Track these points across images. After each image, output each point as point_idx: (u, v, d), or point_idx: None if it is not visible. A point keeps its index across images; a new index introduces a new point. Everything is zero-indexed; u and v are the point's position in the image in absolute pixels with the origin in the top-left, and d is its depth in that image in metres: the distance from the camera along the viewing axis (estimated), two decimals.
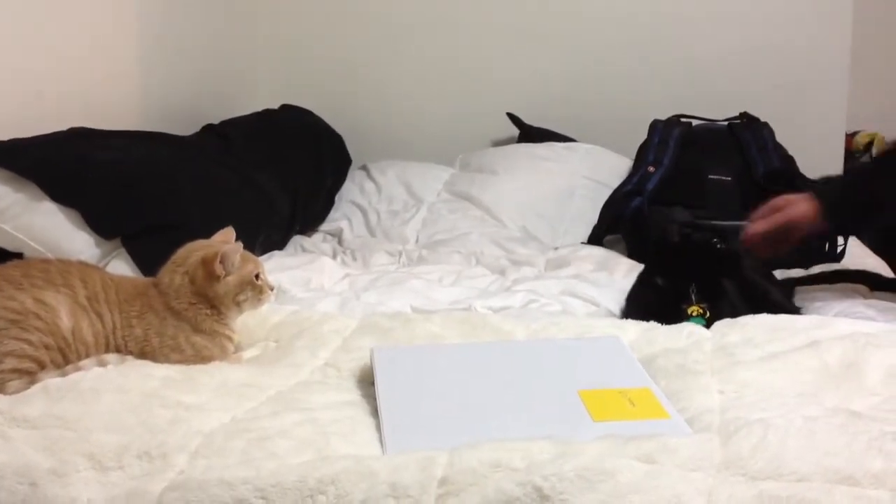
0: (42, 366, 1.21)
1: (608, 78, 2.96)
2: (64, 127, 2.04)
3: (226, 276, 1.33)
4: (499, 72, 3.04)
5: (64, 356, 1.23)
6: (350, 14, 3.10)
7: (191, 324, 1.32)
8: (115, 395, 1.10)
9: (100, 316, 1.28)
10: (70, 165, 1.88)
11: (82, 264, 1.35)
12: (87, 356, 1.25)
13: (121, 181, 1.89)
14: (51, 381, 1.14)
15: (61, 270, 1.29)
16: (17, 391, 1.15)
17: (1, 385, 1.17)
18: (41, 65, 2.09)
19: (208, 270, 1.32)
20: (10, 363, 1.18)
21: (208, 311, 1.33)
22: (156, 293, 1.33)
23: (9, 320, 1.20)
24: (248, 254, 1.38)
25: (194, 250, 1.36)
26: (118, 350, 1.28)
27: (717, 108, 2.65)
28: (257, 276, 1.36)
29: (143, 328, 1.30)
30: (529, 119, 2.94)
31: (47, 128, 1.99)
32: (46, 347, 1.21)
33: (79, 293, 1.27)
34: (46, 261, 1.35)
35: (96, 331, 1.27)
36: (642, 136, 2.59)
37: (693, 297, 1.53)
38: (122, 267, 1.79)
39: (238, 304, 1.35)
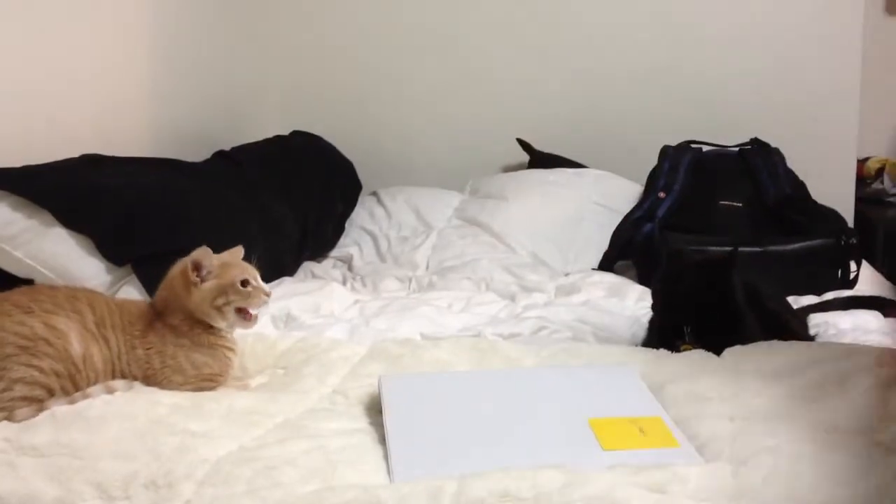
0: (52, 393, 1.20)
1: (618, 104, 2.96)
2: (76, 154, 2.05)
3: (201, 282, 1.33)
4: (509, 98, 3.05)
5: (74, 383, 1.23)
6: (360, 41, 3.12)
7: (189, 339, 1.32)
8: (122, 423, 1.09)
9: (107, 341, 1.28)
10: (81, 192, 1.89)
11: (88, 290, 1.36)
12: (97, 382, 1.25)
13: (131, 208, 1.90)
14: (58, 409, 1.13)
15: (69, 296, 1.29)
16: (25, 419, 1.14)
17: (9, 412, 1.16)
18: (53, 92, 2.11)
19: (184, 279, 1.33)
20: (20, 390, 1.18)
21: (200, 326, 1.33)
22: (154, 313, 1.34)
23: (19, 346, 1.20)
24: (239, 262, 1.39)
25: (178, 264, 1.37)
26: (123, 375, 1.28)
27: (728, 134, 2.65)
28: (244, 283, 1.35)
29: (144, 348, 1.30)
30: (539, 145, 2.95)
31: (59, 154, 2.01)
32: (57, 374, 1.21)
33: (87, 318, 1.28)
34: (54, 287, 1.35)
35: (104, 356, 1.27)
36: (652, 161, 2.58)
37: (686, 336, 1.47)
38: (132, 293, 1.79)
39: (218, 308, 1.33)
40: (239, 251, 1.43)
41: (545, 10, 2.99)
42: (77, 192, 1.89)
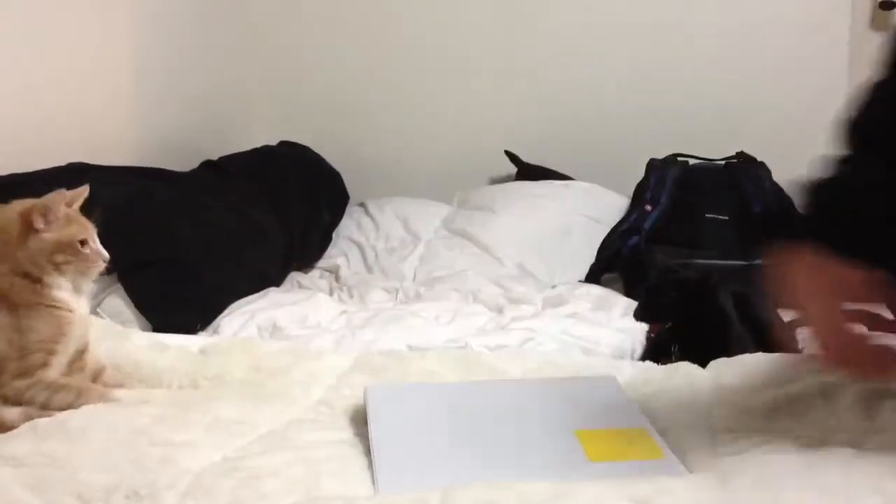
0: None
1: (606, 117, 2.97)
2: (63, 162, 2.04)
3: (45, 231, 1.19)
4: (496, 110, 3.06)
5: None
6: (348, 51, 3.13)
7: (8, 298, 1.16)
8: (103, 433, 1.08)
9: None
10: None
11: None
12: None
13: (116, 217, 1.89)
14: (39, 420, 1.12)
15: None
16: None
17: None
18: (40, 101, 2.10)
19: (25, 222, 1.18)
20: None
21: (22, 281, 1.18)
22: None
23: None
24: (78, 216, 1.25)
25: (12, 206, 1.22)
26: None
27: (715, 147, 2.66)
28: (83, 243, 1.22)
29: None
30: (527, 157, 2.96)
31: (46, 163, 2.00)
32: None
33: None
34: None
35: None
36: (639, 174, 2.60)
37: (672, 354, 1.46)
38: (117, 302, 1.79)
39: (56, 265, 1.19)
40: (83, 192, 1.27)
41: (532, 23, 3.00)
42: None
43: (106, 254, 1.25)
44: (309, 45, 3.15)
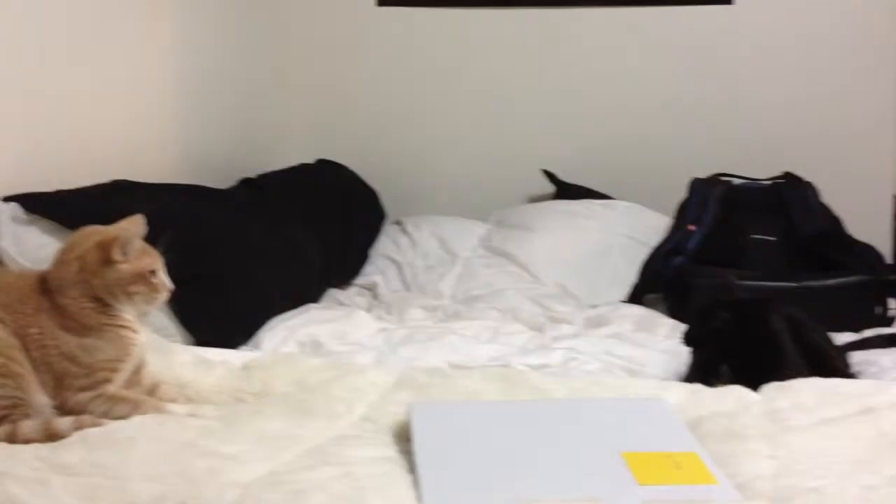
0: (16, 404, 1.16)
1: (646, 135, 2.95)
2: (106, 180, 2.07)
3: (122, 262, 1.24)
4: (535, 128, 3.05)
5: (11, 374, 1.16)
6: (386, 71, 3.14)
7: (77, 321, 1.22)
8: (152, 444, 1.09)
9: (2, 322, 1.19)
10: (111, 217, 1.90)
11: None
12: (25, 361, 1.18)
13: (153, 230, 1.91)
14: (90, 430, 1.13)
15: None
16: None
17: None
18: (85, 120, 2.14)
19: (104, 254, 1.23)
20: None
21: (92, 305, 1.23)
22: (42, 289, 1.23)
23: None
24: (149, 247, 1.30)
25: (89, 235, 1.27)
26: (30, 355, 1.20)
27: (760, 167, 2.63)
28: (153, 273, 1.28)
29: (38, 328, 1.21)
30: (565, 177, 2.94)
31: (90, 180, 2.03)
32: None
33: None
34: None
35: (5, 337, 1.18)
36: (680, 194, 2.57)
37: (722, 374, 1.44)
38: (161, 317, 1.79)
39: (130, 296, 1.25)
40: (140, 220, 1.31)
41: (572, 42, 3.00)
42: (107, 216, 1.90)
43: (171, 284, 1.31)
44: (346, 65, 3.16)
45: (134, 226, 1.29)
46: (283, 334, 1.93)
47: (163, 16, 2.46)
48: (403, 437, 1.20)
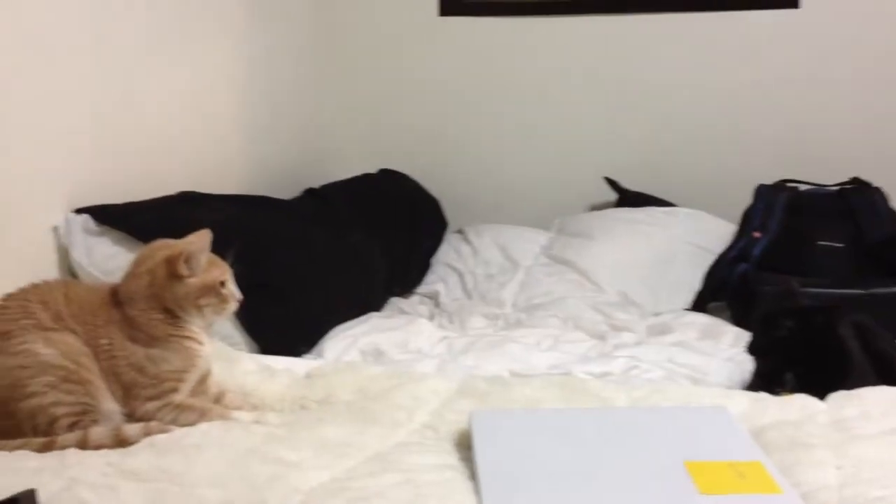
0: (70, 402, 1.19)
1: (710, 142, 2.91)
2: (173, 191, 2.13)
3: (189, 276, 1.27)
4: (596, 136, 3.03)
5: (80, 380, 1.20)
6: (447, 80, 3.15)
7: (145, 332, 1.25)
8: (217, 451, 1.11)
9: (73, 331, 1.23)
10: (179, 228, 1.95)
11: (40, 286, 1.29)
12: (92, 367, 1.22)
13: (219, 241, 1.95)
14: (157, 437, 1.16)
15: (19, 304, 1.25)
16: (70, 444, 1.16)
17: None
18: (153, 134, 2.20)
19: (171, 269, 1.26)
20: (44, 420, 1.19)
21: (160, 316, 1.26)
22: (113, 301, 1.27)
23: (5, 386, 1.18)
24: (217, 259, 1.32)
25: (158, 249, 1.31)
26: (100, 364, 1.24)
27: (827, 173, 2.57)
28: (223, 284, 1.30)
29: (108, 339, 1.24)
30: (628, 184, 2.91)
31: (158, 192, 2.09)
32: (53, 386, 1.18)
33: (42, 318, 1.23)
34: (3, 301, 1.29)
35: (77, 345, 1.22)
36: (745, 200, 2.53)
37: (786, 383, 1.41)
38: (223, 326, 1.83)
39: (199, 308, 1.28)
40: (206, 234, 1.33)
41: (633, 49, 2.97)
42: (175, 227, 1.95)
43: (240, 294, 1.33)
44: (408, 75, 3.19)
45: (201, 239, 1.32)
46: (346, 343, 1.95)
47: (231, 31, 2.52)
48: (464, 445, 1.20)
